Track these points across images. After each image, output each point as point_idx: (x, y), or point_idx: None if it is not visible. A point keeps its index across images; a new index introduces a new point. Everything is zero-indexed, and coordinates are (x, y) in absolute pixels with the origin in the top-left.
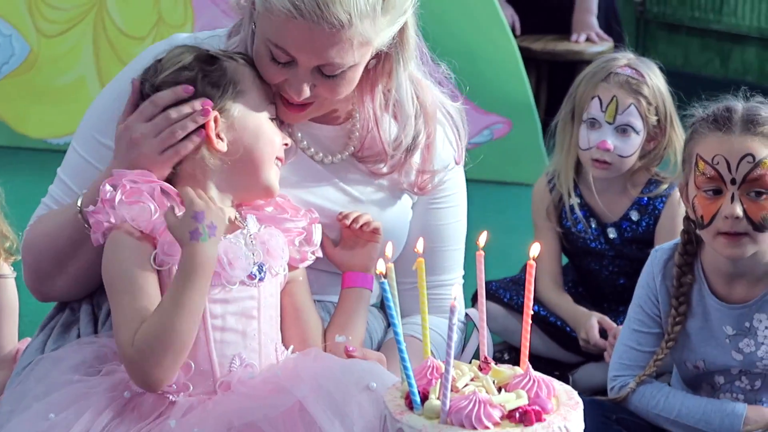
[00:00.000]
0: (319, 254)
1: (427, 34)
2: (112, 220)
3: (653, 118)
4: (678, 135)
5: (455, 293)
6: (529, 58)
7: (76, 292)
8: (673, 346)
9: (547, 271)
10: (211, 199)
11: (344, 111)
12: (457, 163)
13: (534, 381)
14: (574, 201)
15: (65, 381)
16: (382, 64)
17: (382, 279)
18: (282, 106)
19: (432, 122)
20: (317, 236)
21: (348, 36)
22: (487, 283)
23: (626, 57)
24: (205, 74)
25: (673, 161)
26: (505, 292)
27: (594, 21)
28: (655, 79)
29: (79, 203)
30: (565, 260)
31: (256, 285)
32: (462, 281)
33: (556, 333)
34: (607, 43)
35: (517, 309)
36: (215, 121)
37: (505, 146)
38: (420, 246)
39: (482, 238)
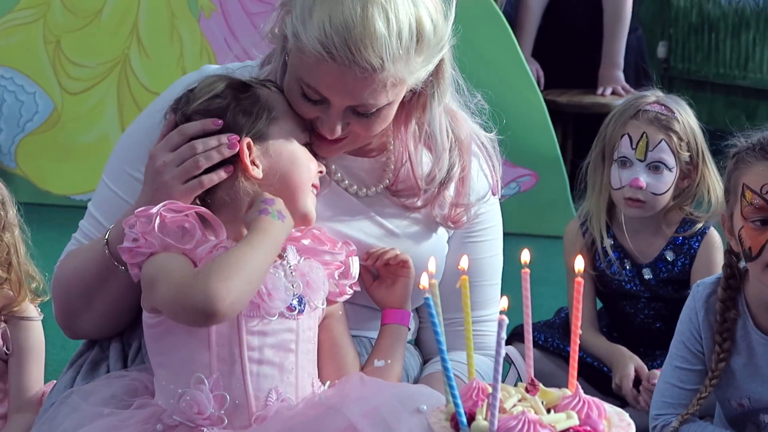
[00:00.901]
0: (357, 288)
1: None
2: (154, 247)
3: (685, 154)
4: (711, 172)
5: (494, 328)
6: (556, 111)
7: (105, 329)
8: (717, 383)
9: (583, 315)
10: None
11: (378, 143)
12: (493, 194)
13: (584, 402)
14: (607, 243)
15: (96, 414)
16: (417, 97)
17: (426, 294)
18: (316, 140)
19: (467, 155)
20: (355, 269)
21: (381, 78)
22: (520, 327)
23: (655, 94)
24: (238, 102)
25: (707, 199)
26: (539, 335)
27: (620, 75)
28: (685, 115)
29: (106, 237)
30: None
31: (295, 318)
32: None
33: (591, 374)
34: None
35: (553, 351)
36: (249, 147)
37: (533, 199)
38: (464, 263)
39: (525, 255)
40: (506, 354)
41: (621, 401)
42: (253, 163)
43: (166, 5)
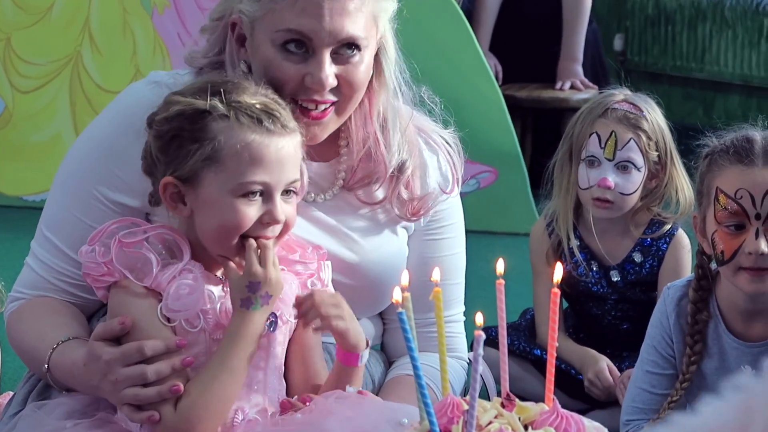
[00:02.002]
0: (331, 291)
1: (412, 83)
2: (115, 276)
3: (654, 154)
4: (679, 172)
5: (461, 330)
6: (515, 106)
7: None
8: (688, 387)
9: (549, 317)
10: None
11: (332, 145)
12: (447, 193)
13: (562, 417)
14: (574, 243)
15: (57, 427)
16: (376, 75)
17: (399, 309)
18: (302, 121)
19: (414, 149)
20: (327, 275)
21: (356, 4)
22: (484, 330)
23: (623, 93)
24: (179, 133)
25: (675, 200)
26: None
27: (579, 69)
28: (654, 114)
29: (46, 361)
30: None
31: (266, 335)
32: (464, 318)
33: (560, 378)
34: (593, 91)
35: (519, 354)
36: (164, 188)
37: (492, 195)
38: (436, 275)
39: (500, 265)
40: (470, 359)
41: (590, 403)
42: (176, 201)
43: (118, 2)
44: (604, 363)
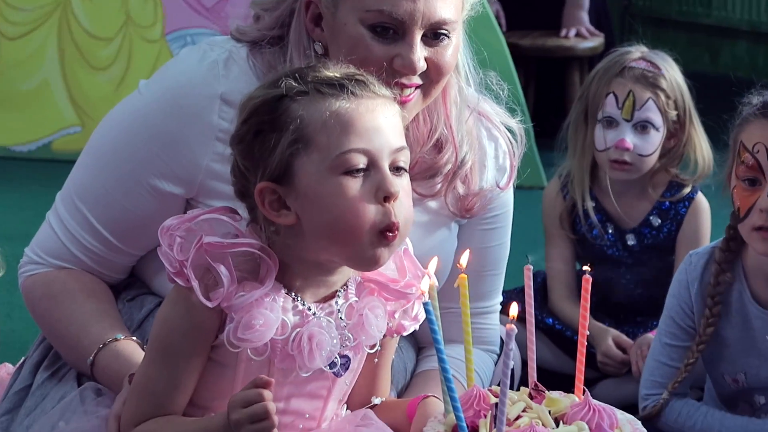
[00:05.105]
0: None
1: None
2: (182, 277)
3: (672, 113)
4: (698, 131)
5: (497, 321)
6: (518, 55)
7: None
8: (704, 349)
9: (562, 281)
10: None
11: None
12: (501, 189)
13: (594, 411)
14: (589, 205)
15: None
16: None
17: (426, 299)
18: None
19: (475, 140)
20: (422, 313)
21: None
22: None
23: (639, 50)
24: (259, 130)
25: (693, 160)
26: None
27: (585, 16)
28: (672, 72)
29: (89, 360)
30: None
31: (332, 376)
32: (500, 308)
33: (571, 347)
34: (598, 39)
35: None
36: (260, 194)
37: None
38: (464, 260)
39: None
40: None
41: (600, 371)
42: (278, 208)
43: None
44: (610, 339)
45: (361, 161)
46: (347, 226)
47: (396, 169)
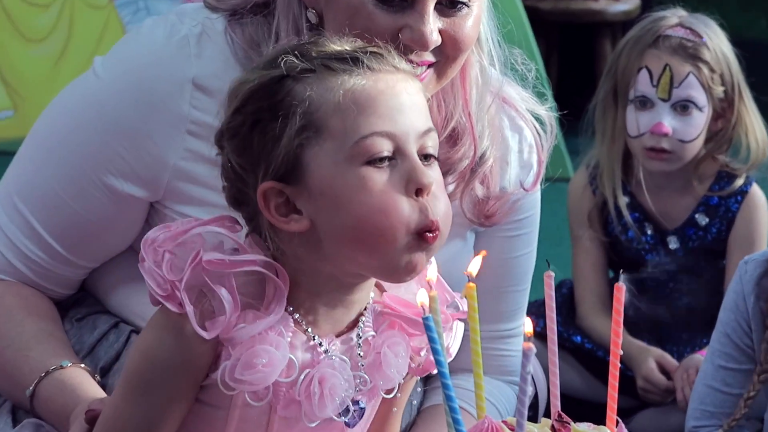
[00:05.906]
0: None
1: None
2: (174, 301)
3: (719, 90)
4: (749, 110)
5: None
6: (537, 21)
7: None
8: (767, 380)
9: (592, 291)
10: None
11: None
12: (527, 190)
13: None
14: (623, 201)
15: None
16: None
17: (426, 313)
18: None
19: (497, 133)
20: (455, 345)
21: None
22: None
23: (677, 15)
24: (258, 119)
25: (745, 145)
26: (537, 320)
27: None
28: (717, 40)
29: (28, 391)
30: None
31: (343, 425)
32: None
33: (603, 370)
34: (634, 1)
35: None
36: (264, 197)
37: None
38: (474, 267)
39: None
40: None
41: (640, 400)
42: (287, 213)
43: None
44: (652, 361)
45: (386, 147)
46: (375, 228)
47: (425, 156)
